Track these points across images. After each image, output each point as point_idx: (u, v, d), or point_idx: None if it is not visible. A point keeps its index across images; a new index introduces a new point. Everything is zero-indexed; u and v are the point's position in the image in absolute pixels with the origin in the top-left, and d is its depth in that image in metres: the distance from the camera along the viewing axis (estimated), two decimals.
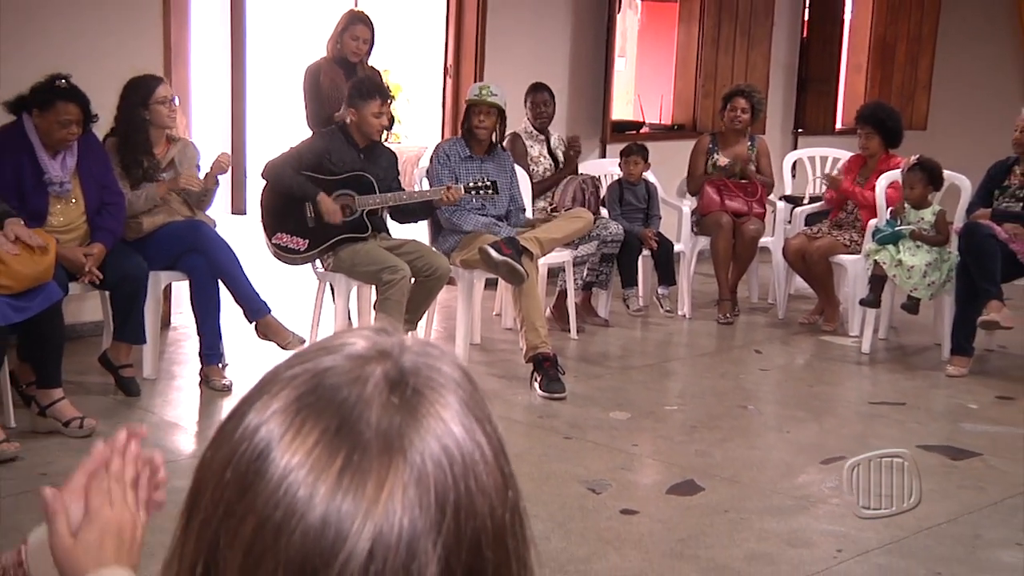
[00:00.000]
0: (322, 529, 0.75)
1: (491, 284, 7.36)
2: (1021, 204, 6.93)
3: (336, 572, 0.74)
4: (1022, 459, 5.48)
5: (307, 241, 6.27)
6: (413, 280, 6.17)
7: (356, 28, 6.91)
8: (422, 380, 0.81)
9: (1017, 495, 4.98)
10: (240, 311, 5.99)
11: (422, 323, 6.63)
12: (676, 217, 8.25)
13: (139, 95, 5.81)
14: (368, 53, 7.05)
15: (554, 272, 7.33)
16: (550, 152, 7.84)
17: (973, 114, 10.47)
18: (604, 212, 7.60)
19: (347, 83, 6.70)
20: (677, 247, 7.89)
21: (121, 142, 5.83)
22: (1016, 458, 5.49)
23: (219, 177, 6.18)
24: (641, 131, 10.05)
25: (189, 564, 0.80)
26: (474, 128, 6.80)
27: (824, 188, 8.16)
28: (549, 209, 7.44)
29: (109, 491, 1.27)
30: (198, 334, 6.00)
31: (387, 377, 0.80)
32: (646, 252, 7.68)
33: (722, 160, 8.02)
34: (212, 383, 5.87)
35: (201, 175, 6.04)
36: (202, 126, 7.61)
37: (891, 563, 4.27)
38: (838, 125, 11.07)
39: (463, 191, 6.42)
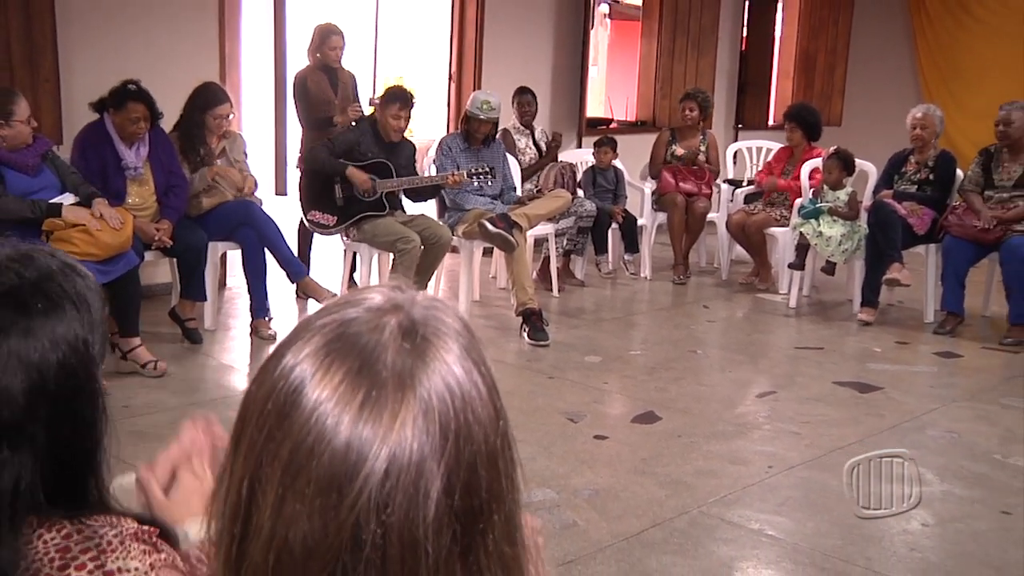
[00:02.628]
0: (346, 452, 0.75)
1: (488, 252, 7.36)
2: (916, 186, 6.94)
3: (357, 487, 0.74)
4: (914, 392, 5.51)
5: (336, 217, 6.30)
6: (423, 248, 6.17)
7: (332, 39, 6.85)
8: (430, 329, 0.81)
9: (910, 420, 5.02)
10: (283, 274, 6.02)
11: (431, 284, 6.64)
12: (639, 197, 8.24)
13: (204, 101, 5.83)
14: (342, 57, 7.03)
15: (539, 242, 7.31)
16: (535, 143, 7.83)
17: (878, 113, 10.43)
18: (580, 193, 7.59)
19: (331, 87, 6.79)
20: (640, 221, 7.88)
21: (183, 135, 5.84)
22: (910, 391, 5.52)
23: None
24: (611, 126, 10.04)
25: (238, 480, 0.80)
26: (473, 132, 6.80)
27: (755, 176, 8.15)
28: (535, 190, 7.41)
29: (192, 463, 1.38)
30: (249, 293, 6.00)
31: (400, 326, 0.80)
32: (615, 225, 7.68)
33: (679, 151, 8.02)
34: (260, 333, 5.88)
35: (248, 164, 6.12)
36: (250, 121, 7.57)
37: (811, 475, 4.28)
38: (770, 122, 11.08)
39: (466, 176, 6.43)
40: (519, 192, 7.19)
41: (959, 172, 6.94)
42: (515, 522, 0.83)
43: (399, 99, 6.33)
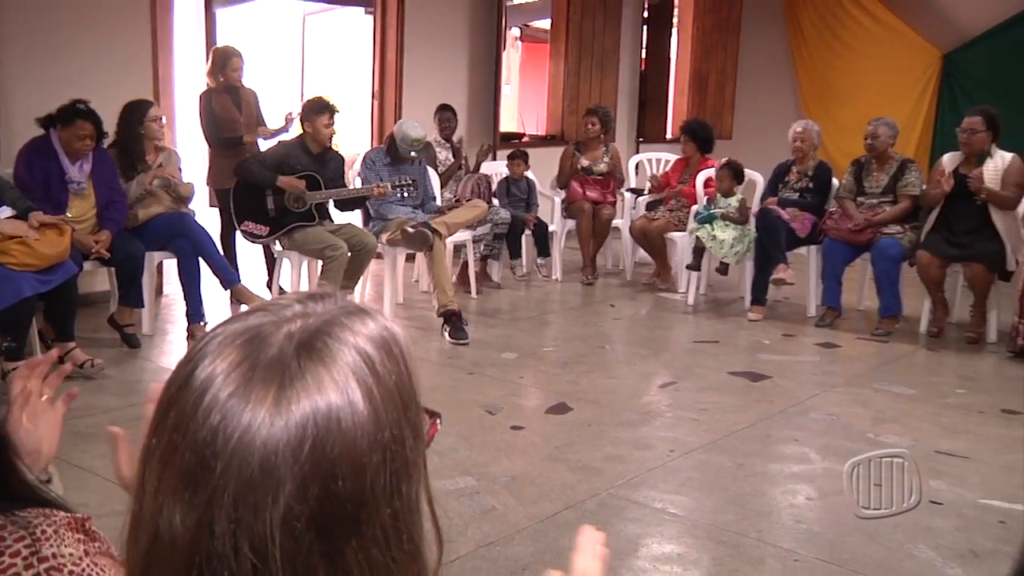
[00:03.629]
0: (210, 436, 0.74)
1: (411, 258, 7.34)
2: (798, 194, 7.07)
3: (212, 484, 0.73)
4: (799, 379, 5.61)
5: (268, 227, 6.23)
6: (350, 255, 6.15)
7: (233, 61, 6.75)
8: (322, 343, 0.79)
9: (795, 404, 5.11)
10: (217, 281, 5.95)
11: (358, 287, 6.60)
12: (550, 205, 8.29)
13: (136, 115, 5.77)
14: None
15: (458, 248, 7.31)
16: (454, 154, 7.84)
17: (764, 128, 10.61)
18: (495, 202, 7.61)
19: (235, 106, 6.72)
20: (551, 227, 7.93)
21: (121, 151, 5.76)
22: (795, 379, 5.62)
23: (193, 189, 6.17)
24: (523, 140, 10.06)
25: (140, 464, 0.79)
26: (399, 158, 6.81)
27: (649, 186, 8.24)
28: (454, 200, 7.42)
29: None
30: (184, 300, 5.91)
31: (296, 333, 0.79)
32: (528, 232, 7.71)
33: (584, 162, 8.08)
34: (196, 337, 5.78)
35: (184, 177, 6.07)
36: (184, 138, 7.46)
37: (709, 458, 4.34)
38: (668, 135, 11.17)
39: (390, 188, 6.41)
40: (439, 202, 7.19)
41: (835, 180, 7.08)
42: (398, 531, 0.80)
43: (327, 109, 6.31)
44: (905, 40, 10.43)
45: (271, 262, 6.87)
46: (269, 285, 6.77)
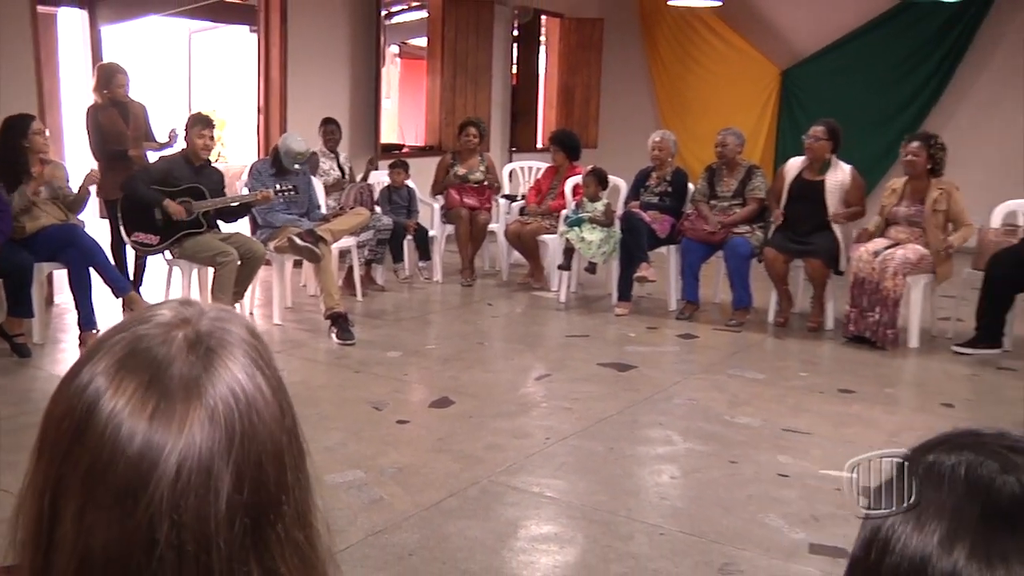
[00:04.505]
0: (139, 459, 0.72)
1: (298, 264, 7.22)
2: (658, 197, 7.20)
3: (151, 491, 0.72)
4: (662, 368, 5.72)
5: (158, 237, 6.04)
6: (240, 262, 6.01)
7: (118, 77, 6.54)
8: (215, 340, 0.78)
9: (659, 392, 5.19)
10: (109, 290, 5.74)
11: (248, 293, 6.45)
12: (430, 211, 8.26)
13: (17, 129, 5.55)
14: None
15: (344, 253, 7.22)
16: (339, 166, 7.75)
17: (626, 137, 10.78)
18: (378, 209, 7.55)
19: (122, 120, 6.53)
20: (431, 232, 7.90)
21: (6, 165, 5.51)
22: (659, 368, 5.72)
23: (90, 189, 5.92)
24: (403, 150, 10.01)
25: (39, 492, 0.75)
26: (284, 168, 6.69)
27: (526, 194, 8.29)
28: (338, 208, 7.33)
29: None
30: (76, 309, 5.70)
31: (187, 339, 0.77)
32: (409, 237, 7.67)
33: (461, 171, 8.07)
34: (88, 345, 5.58)
35: (75, 187, 5.84)
36: (71, 152, 7.20)
37: (582, 443, 4.39)
38: (539, 145, 11.25)
39: (272, 193, 6.31)
40: (324, 210, 7.09)
41: (690, 185, 7.24)
42: (305, 508, 0.81)
43: (201, 122, 6.18)
44: (749, 58, 10.76)
45: (140, 269, 6.70)
46: (137, 290, 6.52)
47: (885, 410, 5.03)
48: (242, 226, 6.92)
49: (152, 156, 6.64)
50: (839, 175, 6.56)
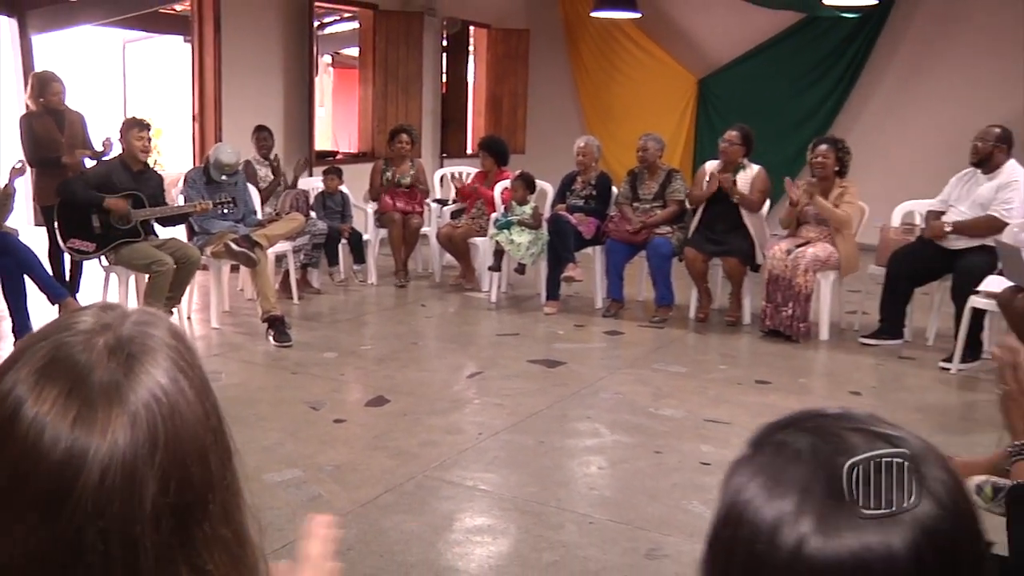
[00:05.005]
0: (62, 467, 0.70)
1: (235, 268, 7.08)
2: (583, 200, 7.23)
3: (75, 497, 0.70)
4: (590, 364, 5.75)
5: (95, 244, 5.88)
6: (175, 268, 5.89)
7: (53, 86, 6.38)
8: (137, 345, 0.77)
9: (587, 386, 5.23)
10: (45, 297, 5.57)
11: (185, 297, 6.32)
12: (364, 216, 8.19)
13: None
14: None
15: (280, 258, 7.12)
16: (273, 172, 7.63)
17: (552, 143, 10.83)
18: (313, 214, 7.46)
19: (57, 128, 6.37)
20: (365, 236, 7.83)
21: None
22: (586, 363, 5.75)
23: (14, 187, 5.72)
24: (337, 157, 9.93)
25: None
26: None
27: (451, 197, 8.29)
28: (274, 213, 7.23)
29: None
30: (11, 316, 5.53)
31: (108, 345, 0.76)
32: (344, 241, 7.60)
33: (393, 176, 8.01)
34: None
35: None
36: (7, 159, 6.99)
37: (513, 438, 4.40)
38: (468, 151, 11.24)
39: (212, 205, 6.19)
40: (259, 216, 6.99)
41: (614, 188, 7.29)
42: (233, 507, 0.80)
43: (138, 124, 6.03)
44: (668, 67, 10.89)
45: (76, 275, 6.53)
46: (74, 295, 6.35)
47: (799, 399, 5.12)
48: (178, 231, 6.79)
49: (88, 164, 6.47)
50: (749, 175, 6.67)
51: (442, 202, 8.56)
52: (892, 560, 0.70)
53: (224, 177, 6.55)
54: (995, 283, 5.40)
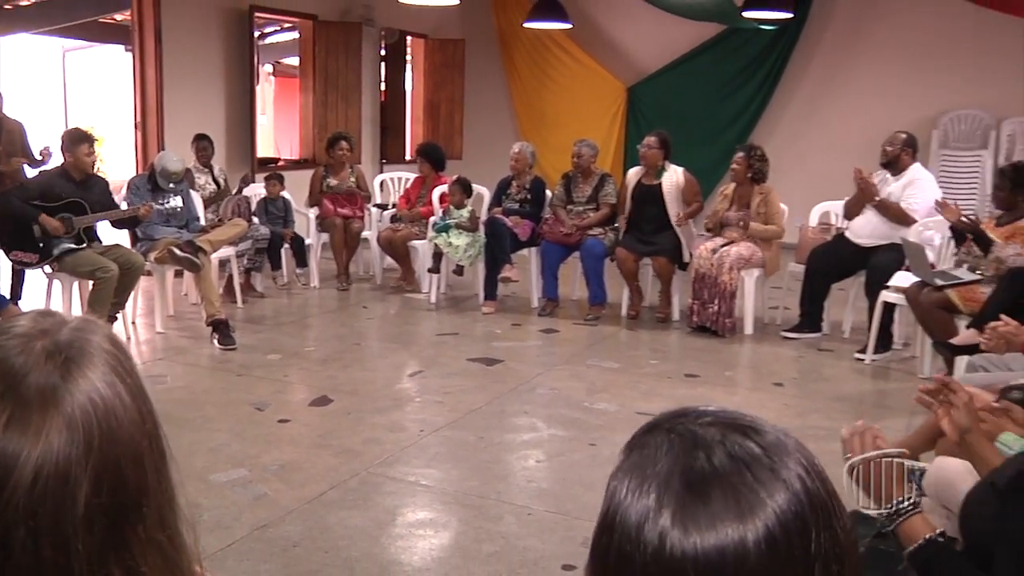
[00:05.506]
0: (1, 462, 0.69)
1: (179, 273, 6.95)
2: (518, 204, 7.25)
3: (6, 498, 0.69)
4: (527, 361, 5.76)
5: (37, 255, 5.71)
6: (119, 274, 5.75)
7: None
8: (75, 350, 0.76)
9: (524, 383, 5.24)
10: None
11: (129, 303, 6.18)
12: (305, 221, 8.11)
13: None
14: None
15: (223, 263, 7.01)
16: (214, 179, 7.51)
17: (488, 149, 10.83)
18: (256, 220, 7.37)
19: None
20: (307, 241, 7.76)
21: None
22: (523, 361, 5.76)
23: None
24: (279, 163, 9.81)
25: None
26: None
27: (396, 202, 8.25)
28: (216, 220, 7.12)
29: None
30: None
31: (45, 349, 0.75)
32: (286, 245, 7.51)
33: (333, 182, 7.94)
34: None
35: None
36: None
37: (454, 434, 4.40)
38: (407, 157, 11.18)
39: (152, 207, 6.07)
40: (202, 222, 6.87)
41: (548, 192, 7.32)
42: (167, 510, 0.79)
43: (86, 139, 5.88)
44: (598, 76, 10.96)
45: (18, 282, 6.36)
46: (16, 303, 6.18)
47: (725, 391, 5.21)
48: (122, 238, 6.64)
49: (30, 172, 6.30)
50: (673, 177, 6.76)
51: (382, 207, 8.51)
52: (745, 549, 0.70)
53: (172, 184, 6.43)
54: (903, 279, 5.55)
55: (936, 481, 2.35)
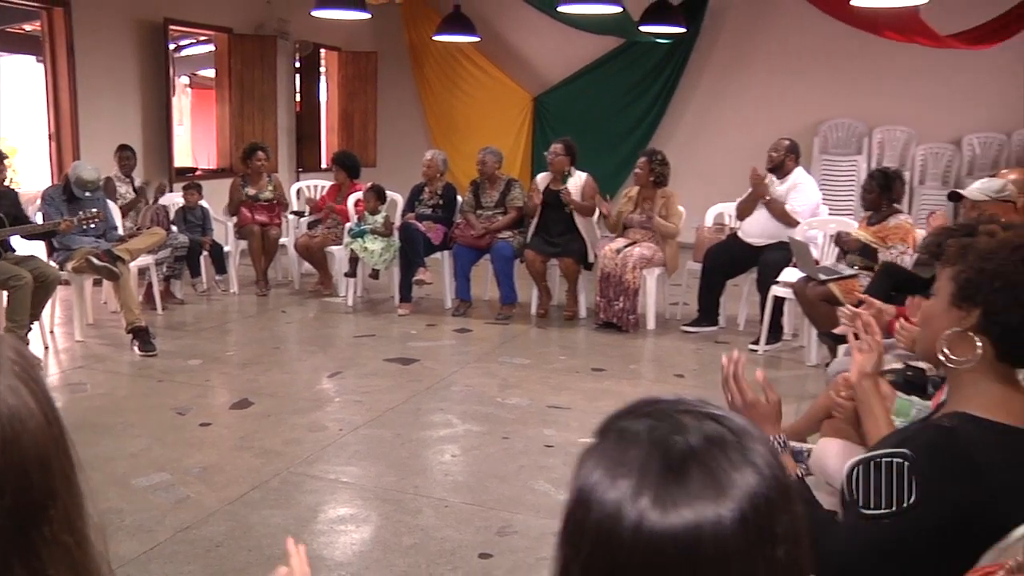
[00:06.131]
0: None
1: (98, 282, 6.73)
2: (431, 209, 7.22)
3: None
4: (442, 360, 5.75)
5: None
6: (34, 285, 5.52)
7: None
8: None
9: (439, 381, 5.23)
10: None
11: (46, 312, 5.94)
12: (224, 228, 7.93)
13: None
14: None
15: (143, 271, 6.81)
16: (134, 190, 7.29)
17: (401, 157, 10.80)
18: (174, 228, 7.18)
19: None
20: (226, 248, 7.60)
21: None
22: (438, 360, 5.75)
23: None
24: (196, 173, 9.57)
25: None
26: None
27: (308, 208, 8.15)
28: (135, 228, 6.91)
29: None
30: None
31: None
32: (205, 253, 7.34)
33: (251, 191, 7.80)
34: None
35: None
36: None
37: (372, 432, 4.37)
38: (323, 165, 11.04)
39: (76, 222, 5.85)
40: (121, 231, 6.66)
41: (459, 198, 7.33)
42: (75, 514, 0.78)
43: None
44: (505, 87, 11.01)
45: None
46: None
47: (630, 383, 5.29)
48: (38, 248, 6.38)
49: None
50: (578, 182, 6.84)
51: (299, 214, 8.39)
52: (721, 526, 0.72)
53: (87, 194, 6.21)
54: (791, 274, 5.73)
55: (819, 459, 2.44)
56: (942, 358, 1.71)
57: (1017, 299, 1.60)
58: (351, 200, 7.62)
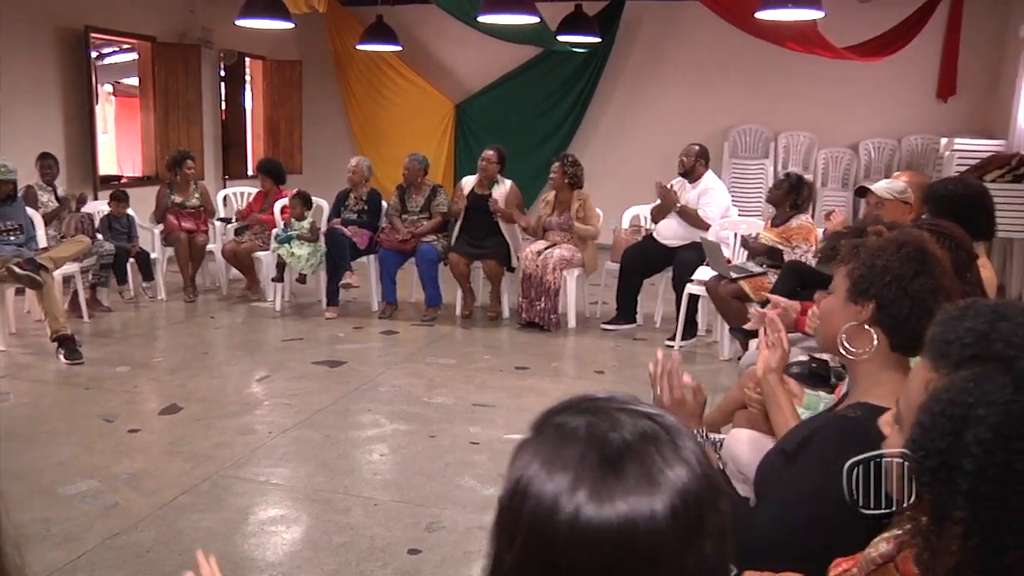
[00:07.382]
0: None
1: (21, 291, 6.48)
2: (356, 214, 7.16)
3: None
4: (369, 362, 5.71)
5: None
6: None
7: None
8: None
9: (367, 382, 5.19)
10: None
11: None
12: (151, 236, 7.73)
13: None
14: None
15: (68, 279, 6.60)
16: (57, 198, 7.04)
17: (327, 163, 10.65)
18: (100, 236, 6.96)
19: None
20: (153, 255, 7.41)
21: None
22: (366, 361, 5.71)
23: None
24: (122, 180, 9.30)
25: None
26: None
27: (235, 218, 8.01)
28: (59, 237, 6.68)
29: None
30: None
31: None
32: (132, 260, 7.14)
33: (178, 199, 7.60)
34: None
35: None
36: None
37: (301, 434, 4.32)
38: (249, 172, 10.84)
39: None
40: (44, 240, 6.43)
41: (384, 203, 7.29)
42: None
43: None
44: (428, 94, 10.98)
45: None
46: None
47: (552, 380, 5.34)
48: None
49: None
50: (503, 189, 6.88)
51: (226, 220, 8.23)
52: (654, 520, 0.73)
53: (2, 178, 5.92)
54: (704, 273, 5.86)
55: (730, 449, 2.51)
56: (842, 351, 1.78)
57: (905, 291, 1.69)
58: (277, 206, 7.50)
